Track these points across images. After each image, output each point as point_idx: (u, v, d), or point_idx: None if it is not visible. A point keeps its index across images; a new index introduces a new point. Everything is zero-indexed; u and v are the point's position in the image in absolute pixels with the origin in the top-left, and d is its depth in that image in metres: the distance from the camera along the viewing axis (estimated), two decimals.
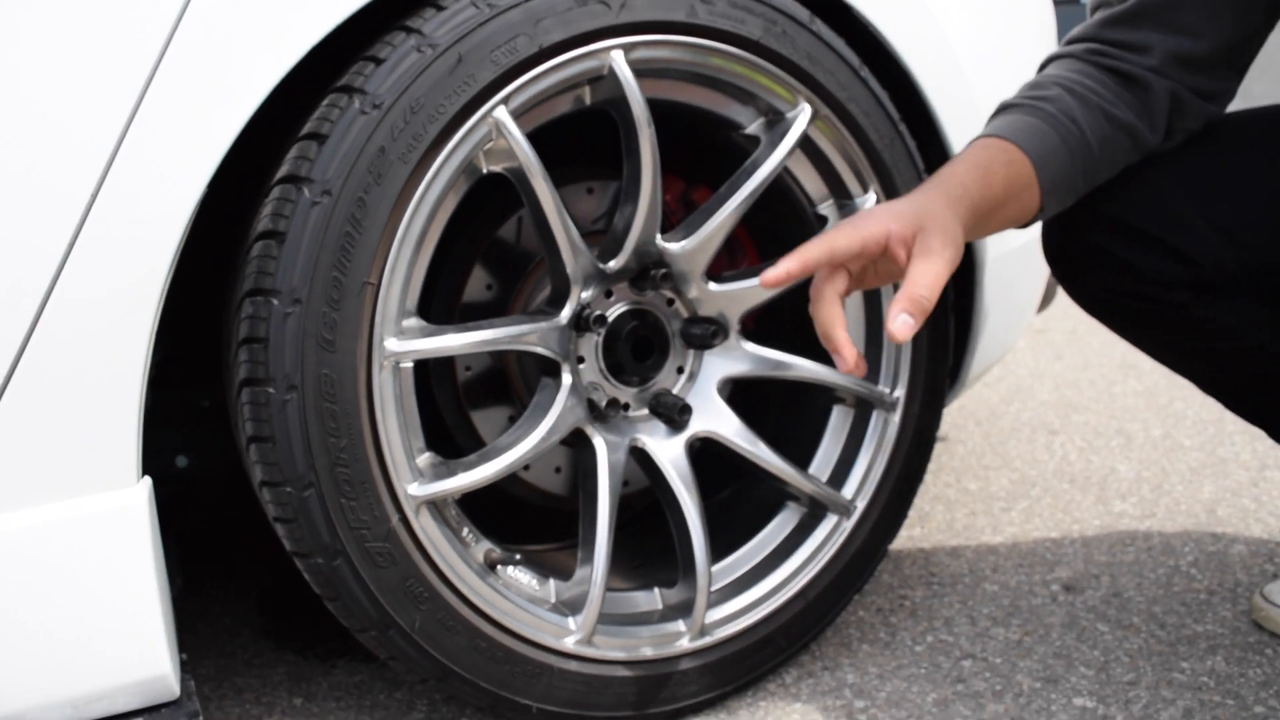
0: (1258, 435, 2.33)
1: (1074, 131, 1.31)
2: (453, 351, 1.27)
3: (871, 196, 1.48)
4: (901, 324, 1.12)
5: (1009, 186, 1.28)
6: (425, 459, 1.27)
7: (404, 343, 1.22)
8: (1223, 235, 1.38)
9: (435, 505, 1.27)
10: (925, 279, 1.14)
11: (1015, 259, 1.73)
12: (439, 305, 1.49)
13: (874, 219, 1.19)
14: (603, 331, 1.40)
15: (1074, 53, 1.39)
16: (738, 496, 1.61)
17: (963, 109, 1.56)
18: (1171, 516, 1.99)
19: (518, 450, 1.30)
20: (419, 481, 1.25)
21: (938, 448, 2.36)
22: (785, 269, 1.17)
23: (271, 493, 1.21)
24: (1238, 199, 1.40)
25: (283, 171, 1.20)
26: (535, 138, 1.28)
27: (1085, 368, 2.91)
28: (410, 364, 1.24)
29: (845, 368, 1.16)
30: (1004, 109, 1.37)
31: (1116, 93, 1.34)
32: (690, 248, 1.40)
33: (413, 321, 1.25)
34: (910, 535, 1.96)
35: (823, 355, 1.53)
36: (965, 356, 1.70)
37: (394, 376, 1.23)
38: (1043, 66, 1.42)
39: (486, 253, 1.50)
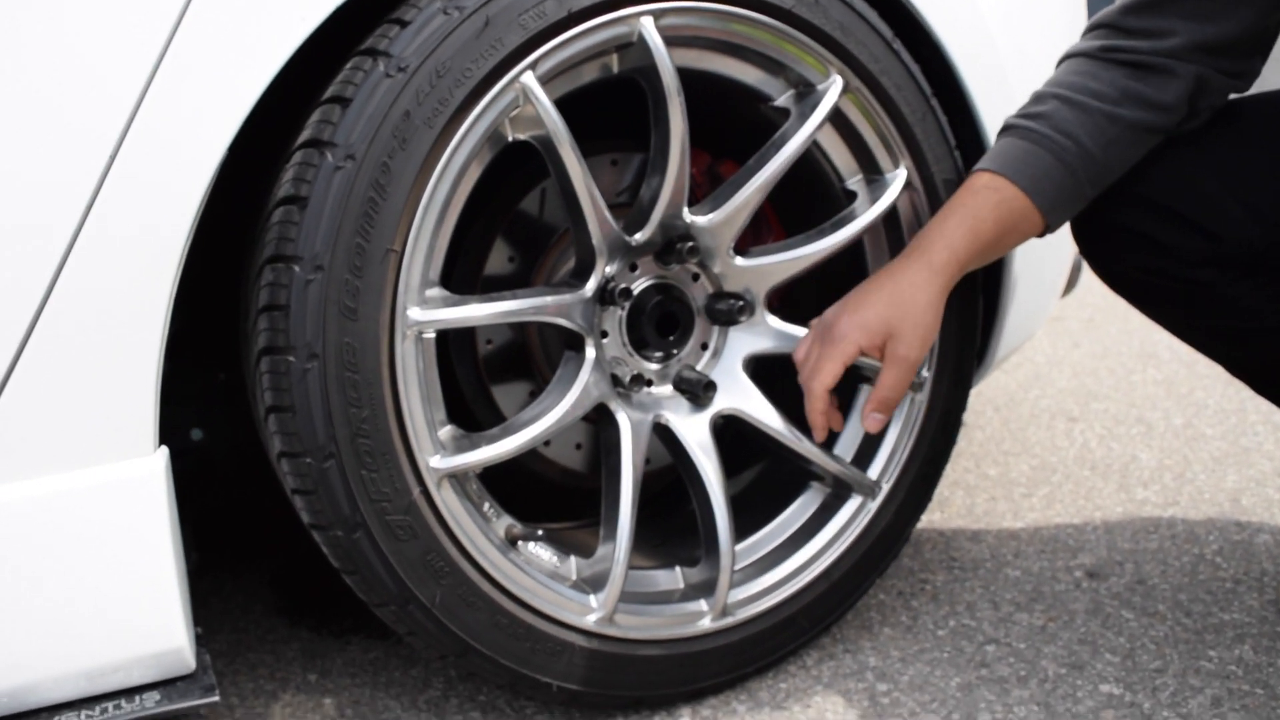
0: (1279, 424, 2.30)
1: (1070, 146, 1.32)
2: (476, 322, 1.24)
3: (903, 172, 1.44)
4: (872, 420, 1.34)
5: (1000, 227, 1.33)
6: (447, 432, 1.24)
7: (427, 312, 1.19)
8: (1250, 213, 1.37)
9: (457, 479, 1.25)
10: (892, 384, 1.30)
11: (1044, 239, 1.70)
12: (460, 277, 1.46)
13: (844, 338, 1.29)
14: (627, 305, 1.37)
15: (1087, 50, 1.38)
16: (762, 476, 1.58)
17: (995, 83, 1.53)
18: (1195, 505, 1.96)
19: (541, 425, 1.28)
20: (441, 454, 1.22)
21: None
22: (821, 426, 1.35)
23: (291, 464, 1.18)
24: (1264, 178, 1.38)
25: (305, 136, 1.17)
26: (561, 107, 1.25)
27: (1104, 356, 2.87)
28: (433, 334, 1.21)
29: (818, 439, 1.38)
30: (1003, 131, 1.38)
31: (1125, 89, 1.33)
32: (717, 221, 1.37)
33: (436, 291, 1.22)
34: (930, 520, 1.93)
35: None
36: (992, 338, 1.67)
37: (417, 346, 1.20)
38: (1059, 64, 1.42)
39: (509, 225, 1.48)
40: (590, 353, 1.33)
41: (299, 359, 1.14)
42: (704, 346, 1.45)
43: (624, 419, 1.35)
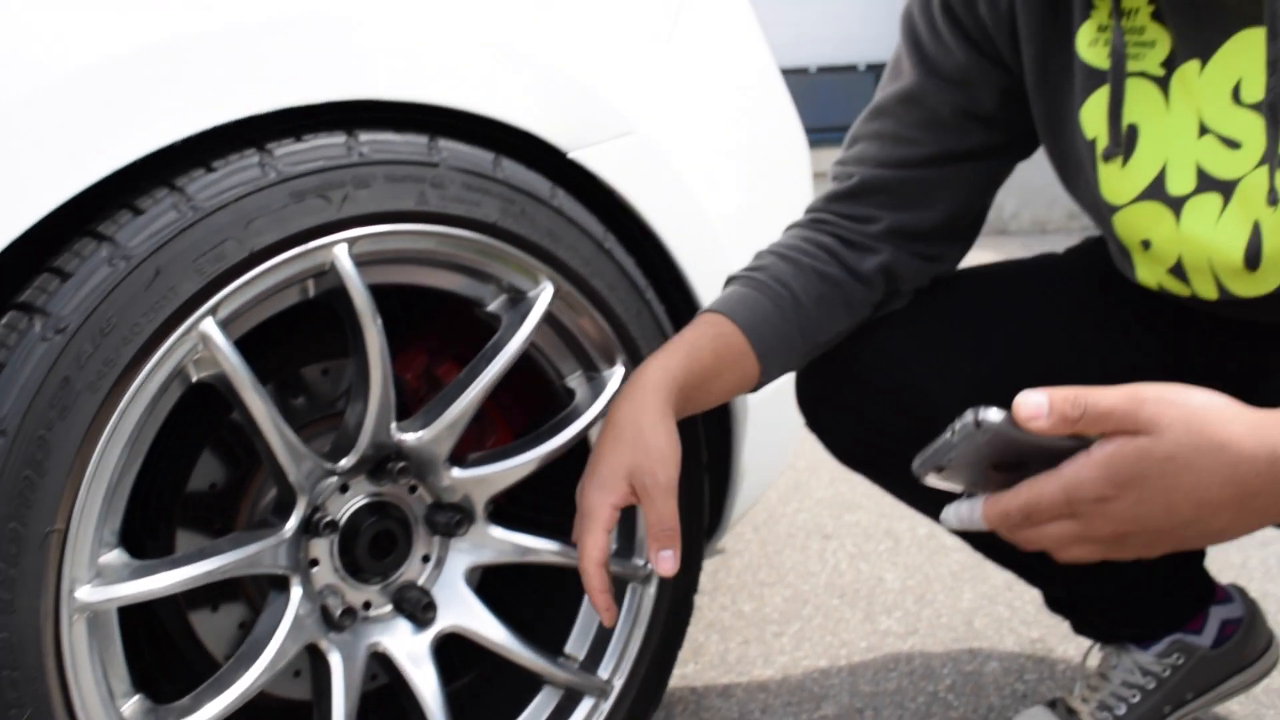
0: None
1: (785, 295, 1.33)
2: (164, 593, 1.14)
3: (619, 369, 1.42)
4: (664, 561, 1.17)
5: (718, 358, 1.29)
6: (132, 707, 1.14)
7: (101, 590, 1.09)
8: (961, 390, 1.40)
9: None
10: (659, 517, 1.17)
11: (777, 398, 1.71)
12: (157, 498, 1.36)
13: (593, 507, 1.18)
14: (335, 536, 1.29)
15: (801, 222, 1.41)
16: (493, 679, 1.53)
17: (715, 267, 1.53)
18: (933, 631, 2.01)
19: (238, 687, 1.18)
20: None
21: (715, 563, 2.34)
22: (606, 606, 1.19)
23: None
24: (968, 357, 1.41)
25: None
26: (253, 331, 1.17)
27: None
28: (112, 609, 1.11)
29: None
30: (726, 283, 1.38)
31: (832, 251, 1.36)
32: (429, 438, 1.31)
33: (114, 556, 1.12)
34: (683, 673, 1.92)
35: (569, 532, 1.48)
36: (724, 508, 1.67)
37: (90, 627, 1.09)
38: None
39: (219, 438, 1.38)
40: (296, 591, 1.25)
41: None
42: (425, 559, 1.39)
43: (336, 660, 1.28)
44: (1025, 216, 8.17)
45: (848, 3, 8.11)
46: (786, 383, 1.70)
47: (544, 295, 1.35)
